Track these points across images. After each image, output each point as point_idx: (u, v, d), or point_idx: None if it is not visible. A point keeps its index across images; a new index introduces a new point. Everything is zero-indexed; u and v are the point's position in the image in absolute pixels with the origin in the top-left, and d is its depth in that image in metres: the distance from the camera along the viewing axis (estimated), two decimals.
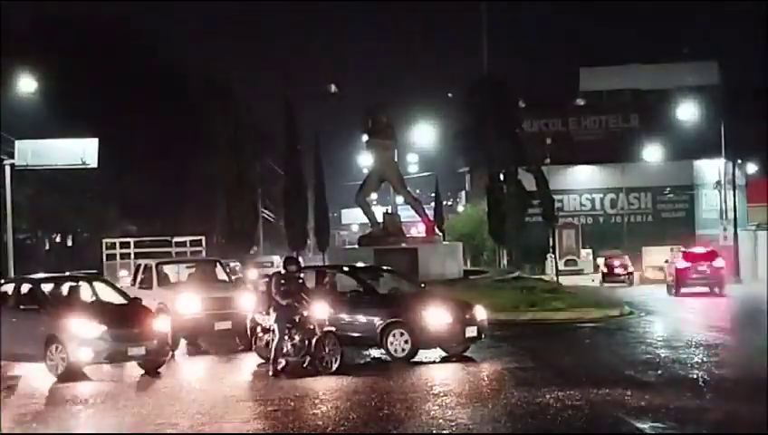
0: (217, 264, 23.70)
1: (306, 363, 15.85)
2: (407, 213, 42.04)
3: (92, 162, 43.16)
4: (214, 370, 18.34)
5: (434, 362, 17.43)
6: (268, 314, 16.56)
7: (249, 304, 19.10)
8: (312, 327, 15.98)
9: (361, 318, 18.30)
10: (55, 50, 49.92)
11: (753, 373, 15.32)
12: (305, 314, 16.10)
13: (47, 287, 18.45)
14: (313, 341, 15.87)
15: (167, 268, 23.38)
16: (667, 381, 14.56)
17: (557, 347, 20.51)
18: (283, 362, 15.94)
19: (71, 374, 16.14)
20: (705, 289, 37.68)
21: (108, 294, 18.62)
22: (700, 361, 16.93)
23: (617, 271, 51.65)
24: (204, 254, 41.63)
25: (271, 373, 15.81)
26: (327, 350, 16.02)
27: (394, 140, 37.34)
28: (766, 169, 70.16)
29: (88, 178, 48.12)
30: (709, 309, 30.84)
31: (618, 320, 26.36)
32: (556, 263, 52.84)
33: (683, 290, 37.94)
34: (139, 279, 22.64)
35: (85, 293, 18.65)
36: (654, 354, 17.87)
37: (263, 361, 16.95)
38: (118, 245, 43.26)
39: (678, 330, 23.49)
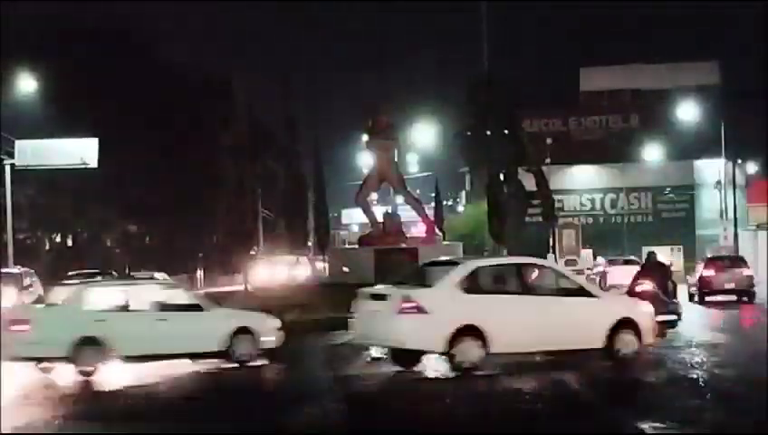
0: None
1: None
2: (407, 213, 42.05)
3: (92, 162, 43.25)
4: None
5: (432, 362, 17.40)
6: None
7: None
8: None
9: None
10: (55, 50, 49.93)
11: (753, 373, 15.32)
12: None
13: None
14: None
15: None
16: (667, 381, 14.55)
17: None
18: None
19: None
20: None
21: None
22: (700, 361, 16.92)
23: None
24: None
25: None
26: None
27: (394, 140, 37.37)
28: (766, 169, 70.19)
29: (88, 178, 48.14)
30: (709, 309, 30.81)
31: None
32: (556, 263, 52.82)
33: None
34: None
35: None
36: (654, 354, 17.84)
37: None
38: None
39: (678, 330, 23.46)
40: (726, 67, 74.98)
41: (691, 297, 33.84)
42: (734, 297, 33.08)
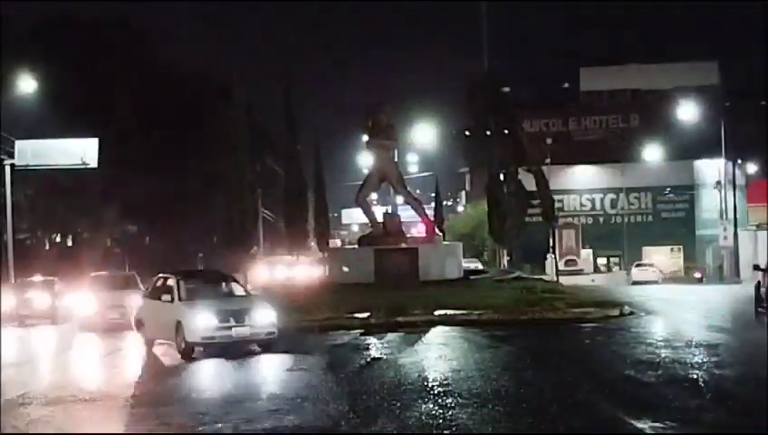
0: None
1: None
2: (407, 213, 42.06)
3: (92, 162, 43.28)
4: None
5: (432, 362, 17.43)
6: None
7: None
8: None
9: None
10: (55, 50, 49.93)
11: (753, 373, 15.33)
12: None
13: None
14: None
15: None
16: (667, 381, 14.55)
17: (557, 347, 20.51)
18: None
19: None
20: None
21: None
22: (700, 361, 16.93)
23: None
24: None
25: None
26: None
27: (394, 140, 37.35)
28: (766, 169, 70.22)
29: (88, 178, 48.16)
30: (709, 309, 30.82)
31: (618, 320, 26.34)
32: (556, 263, 52.85)
33: None
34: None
35: None
36: (654, 354, 17.85)
37: None
38: None
39: (678, 330, 23.47)
40: (726, 67, 75.06)
41: None
42: None
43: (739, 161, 62.37)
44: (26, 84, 42.51)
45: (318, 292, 31.44)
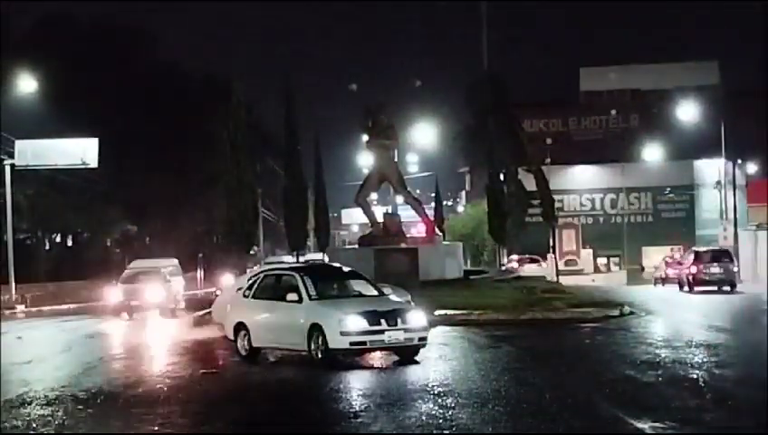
0: None
1: None
2: (407, 213, 42.06)
3: (92, 162, 43.37)
4: None
5: (432, 362, 17.42)
6: None
7: None
8: None
9: None
10: (55, 50, 49.95)
11: (753, 373, 15.32)
12: None
13: None
14: None
15: None
16: (667, 381, 14.55)
17: (557, 347, 20.51)
18: None
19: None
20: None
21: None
22: (700, 361, 16.93)
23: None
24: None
25: None
26: None
27: (394, 140, 37.36)
28: (766, 169, 70.19)
29: (88, 178, 48.19)
30: (709, 309, 30.82)
31: (618, 320, 26.35)
32: (556, 263, 52.84)
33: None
34: None
35: None
36: (654, 354, 17.85)
37: None
38: None
39: (678, 330, 23.47)
40: (726, 67, 75.11)
41: None
42: None
43: (739, 161, 62.29)
44: (26, 84, 42.56)
45: None
